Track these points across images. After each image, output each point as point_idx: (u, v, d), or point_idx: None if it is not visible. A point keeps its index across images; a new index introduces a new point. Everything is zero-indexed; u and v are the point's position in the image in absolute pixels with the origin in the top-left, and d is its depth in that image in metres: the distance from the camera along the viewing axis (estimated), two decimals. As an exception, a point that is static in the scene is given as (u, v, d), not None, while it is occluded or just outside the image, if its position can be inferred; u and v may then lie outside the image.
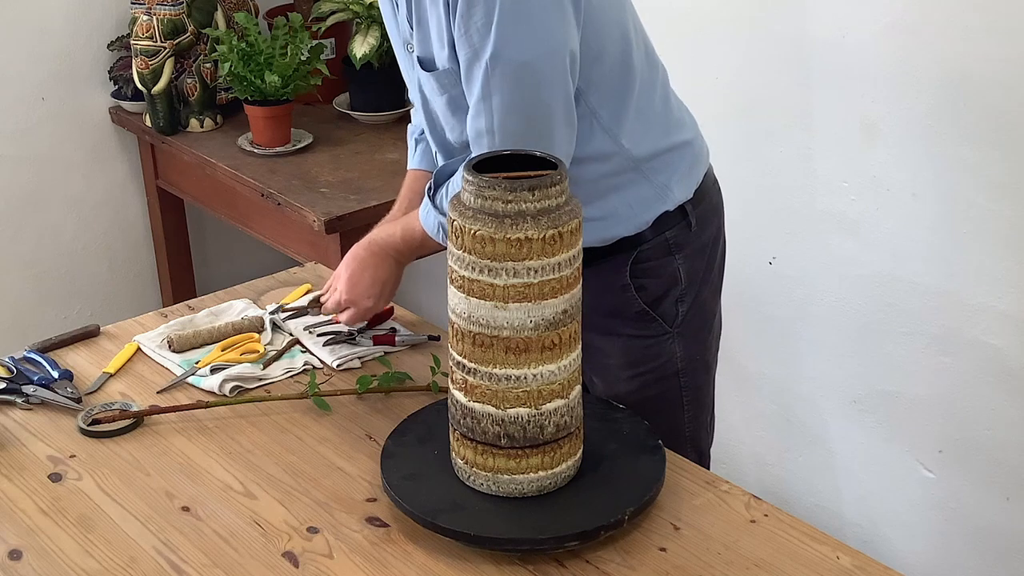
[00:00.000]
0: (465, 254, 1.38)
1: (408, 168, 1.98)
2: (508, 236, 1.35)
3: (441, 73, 1.66)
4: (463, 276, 1.39)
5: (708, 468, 1.88)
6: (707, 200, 1.83)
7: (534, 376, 1.42)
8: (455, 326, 1.43)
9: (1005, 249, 2.17)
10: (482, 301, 1.38)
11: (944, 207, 2.23)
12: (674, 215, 1.77)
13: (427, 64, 1.69)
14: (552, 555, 1.42)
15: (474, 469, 1.47)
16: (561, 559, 1.42)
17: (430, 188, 1.73)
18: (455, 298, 1.42)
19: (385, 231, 1.85)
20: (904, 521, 2.51)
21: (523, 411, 1.43)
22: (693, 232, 1.80)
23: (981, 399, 2.30)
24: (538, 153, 1.44)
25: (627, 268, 1.77)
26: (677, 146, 1.78)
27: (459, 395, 1.46)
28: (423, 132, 1.93)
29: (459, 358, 1.44)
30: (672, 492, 1.52)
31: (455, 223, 1.38)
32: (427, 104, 1.75)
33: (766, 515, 1.50)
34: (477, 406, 1.44)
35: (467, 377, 1.43)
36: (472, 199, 1.37)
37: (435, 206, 1.72)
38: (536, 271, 1.37)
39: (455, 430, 1.49)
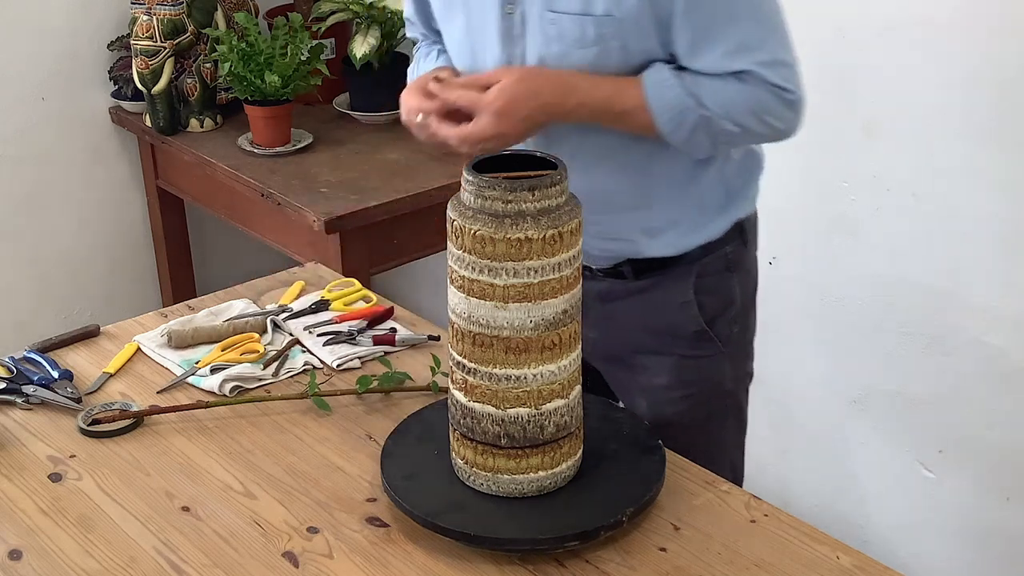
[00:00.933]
0: (465, 254, 1.38)
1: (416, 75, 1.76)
2: (508, 236, 1.35)
3: (605, 19, 1.54)
4: (463, 276, 1.39)
5: (742, 485, 1.86)
6: (756, 218, 1.81)
7: (534, 376, 1.42)
8: (455, 326, 1.43)
9: (1005, 249, 2.17)
10: (482, 301, 1.38)
11: (944, 207, 2.23)
12: (732, 231, 1.75)
13: (580, 7, 1.55)
14: (552, 555, 1.42)
15: (474, 469, 1.47)
16: (561, 559, 1.42)
17: (673, 64, 1.58)
18: (455, 298, 1.42)
19: (578, 79, 1.57)
20: (904, 521, 2.51)
21: (523, 411, 1.43)
22: (747, 249, 1.78)
23: (981, 399, 2.30)
24: (538, 153, 1.44)
25: (692, 283, 1.73)
26: (749, 149, 1.75)
27: (459, 395, 1.45)
28: (438, 42, 1.80)
29: (459, 358, 1.44)
30: (672, 492, 1.52)
31: (455, 223, 1.38)
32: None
33: (766, 515, 1.50)
34: (477, 406, 1.43)
35: (467, 377, 1.43)
36: (472, 199, 1.37)
37: (684, 85, 1.56)
38: (536, 271, 1.37)
39: (455, 430, 1.49)
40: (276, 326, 1.90)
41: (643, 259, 1.73)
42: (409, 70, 1.86)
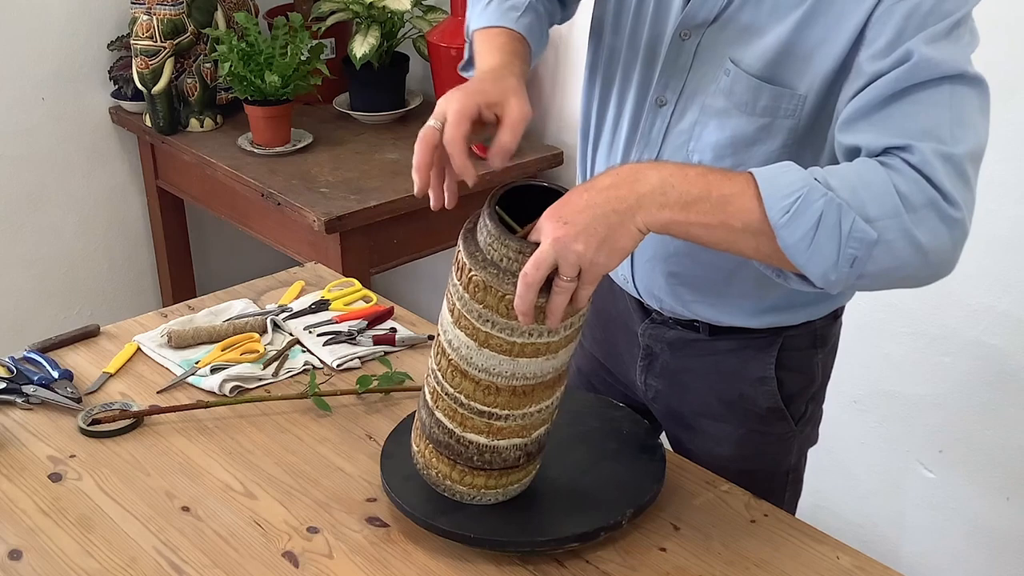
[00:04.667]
0: (485, 310, 1.30)
1: (483, 25, 1.49)
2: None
3: (785, 92, 1.35)
4: (477, 328, 1.32)
5: None
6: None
7: (558, 396, 1.41)
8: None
9: (1005, 249, 2.17)
10: (494, 353, 1.32)
11: (944, 207, 2.23)
12: (829, 313, 1.60)
13: (761, 71, 1.36)
14: (552, 555, 1.42)
15: (483, 491, 1.44)
16: (561, 559, 1.42)
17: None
18: (460, 341, 1.35)
19: (660, 163, 1.33)
20: (904, 521, 2.51)
21: (542, 430, 1.42)
22: (836, 322, 1.63)
23: (981, 399, 2.30)
24: (551, 185, 1.34)
25: (773, 358, 1.57)
26: None
27: (481, 439, 1.39)
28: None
29: (455, 393, 1.38)
30: (672, 492, 1.52)
31: (475, 277, 1.29)
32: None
33: (766, 515, 1.50)
34: (503, 443, 1.40)
35: (458, 408, 1.38)
36: (503, 259, 1.28)
37: (808, 170, 1.22)
38: (553, 331, 1.32)
39: (465, 466, 1.42)
40: (276, 326, 1.90)
41: (730, 329, 1.58)
42: (471, 9, 1.54)
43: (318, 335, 1.88)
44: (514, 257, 1.27)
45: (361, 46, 2.87)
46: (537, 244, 1.23)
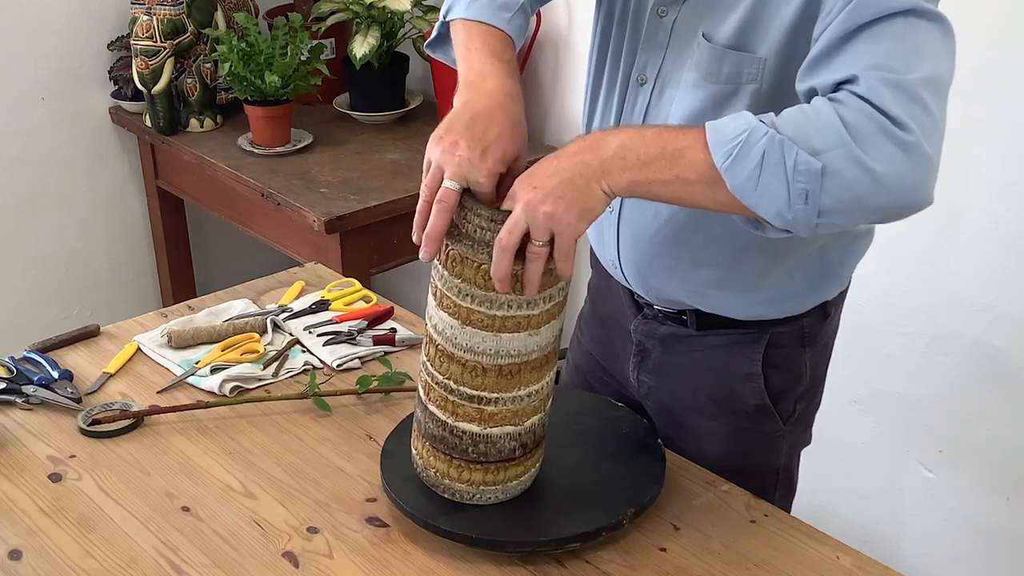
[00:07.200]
0: (465, 284, 1.32)
1: (472, 18, 1.46)
2: (515, 271, 1.28)
3: (749, 58, 1.35)
4: (458, 304, 1.34)
5: None
6: (845, 291, 1.64)
7: (547, 381, 1.41)
8: (439, 347, 1.38)
9: (1005, 249, 2.17)
10: (477, 330, 1.34)
11: (944, 207, 2.23)
12: (816, 308, 1.59)
13: (727, 40, 1.36)
14: (552, 555, 1.42)
15: (481, 487, 1.44)
16: (561, 559, 1.42)
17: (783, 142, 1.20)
18: (444, 322, 1.36)
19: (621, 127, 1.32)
20: (904, 521, 2.52)
21: (535, 419, 1.43)
22: (826, 323, 1.62)
23: (981, 399, 2.30)
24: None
25: (760, 353, 1.58)
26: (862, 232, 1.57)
27: (473, 427, 1.40)
28: None
29: (443, 379, 1.39)
30: (672, 492, 1.52)
31: (451, 250, 1.32)
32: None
33: (766, 515, 1.50)
34: (495, 430, 1.41)
35: (448, 396, 1.39)
36: (479, 231, 1.31)
37: (756, 115, 1.22)
38: (534, 303, 1.33)
39: (461, 460, 1.42)
40: (276, 326, 1.90)
41: (708, 313, 1.58)
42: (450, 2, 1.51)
43: (318, 335, 1.87)
44: (487, 226, 1.29)
45: (361, 46, 2.87)
46: (508, 212, 1.27)
